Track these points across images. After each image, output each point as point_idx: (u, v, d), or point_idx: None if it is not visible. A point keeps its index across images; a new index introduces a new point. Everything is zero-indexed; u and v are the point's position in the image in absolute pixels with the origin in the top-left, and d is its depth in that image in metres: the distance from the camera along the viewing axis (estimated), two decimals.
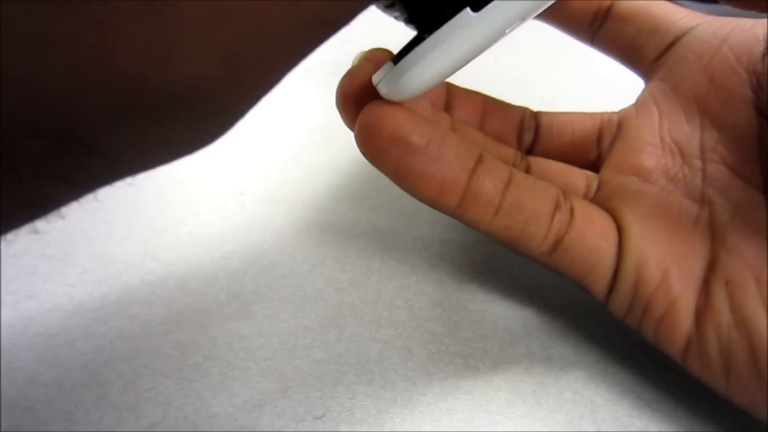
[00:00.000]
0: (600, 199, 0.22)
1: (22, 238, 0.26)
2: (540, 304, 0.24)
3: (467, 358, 0.22)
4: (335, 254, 0.26)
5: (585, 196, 0.22)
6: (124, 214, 0.27)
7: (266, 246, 0.26)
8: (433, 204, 0.19)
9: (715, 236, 0.20)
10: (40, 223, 0.27)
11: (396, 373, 0.21)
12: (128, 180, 0.22)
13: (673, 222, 0.20)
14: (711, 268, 0.19)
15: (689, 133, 0.21)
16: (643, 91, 0.23)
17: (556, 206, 0.19)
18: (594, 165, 0.24)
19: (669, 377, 0.22)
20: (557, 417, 0.20)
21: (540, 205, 0.19)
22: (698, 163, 0.21)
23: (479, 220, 0.19)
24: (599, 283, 0.20)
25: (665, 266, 0.19)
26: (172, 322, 0.23)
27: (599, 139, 0.24)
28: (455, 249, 0.26)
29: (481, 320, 0.23)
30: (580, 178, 0.23)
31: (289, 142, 0.33)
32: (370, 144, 0.17)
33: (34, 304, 0.23)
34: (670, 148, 0.22)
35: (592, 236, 0.20)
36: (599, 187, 0.23)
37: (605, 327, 0.23)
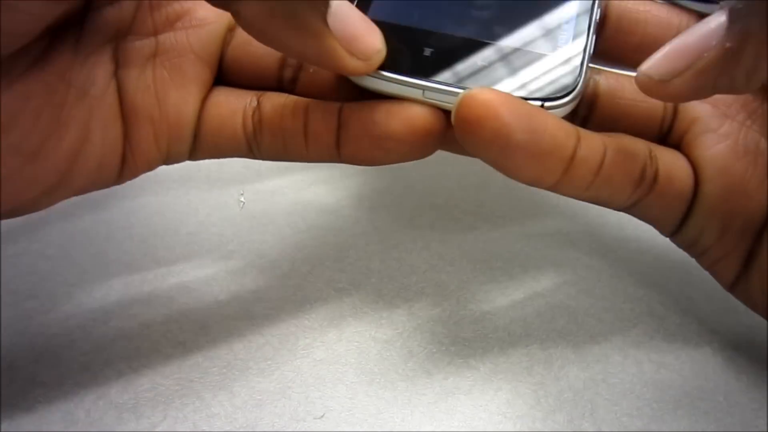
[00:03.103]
0: (678, 133, 0.21)
1: (22, 238, 0.26)
2: (540, 304, 0.24)
3: (467, 358, 0.22)
4: (335, 254, 0.26)
5: (662, 126, 0.21)
6: (124, 214, 0.27)
7: (266, 246, 0.26)
8: (530, 184, 0.19)
9: None
10: (41, 223, 0.27)
11: (396, 373, 0.21)
12: (128, 180, 0.22)
13: (748, 166, 0.20)
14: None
15: None
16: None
17: (642, 174, 0.20)
18: None
19: (669, 377, 0.22)
20: (557, 417, 0.20)
21: (628, 176, 0.19)
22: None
23: (570, 193, 0.19)
24: (666, 229, 0.21)
25: (730, 221, 0.20)
26: (172, 322, 0.23)
27: None
28: (455, 249, 0.26)
29: (481, 320, 0.23)
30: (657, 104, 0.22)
31: None
32: (471, 141, 0.17)
33: (34, 304, 0.23)
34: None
35: (670, 198, 0.20)
36: (675, 115, 0.21)
37: (605, 327, 0.23)
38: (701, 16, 0.22)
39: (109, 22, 0.19)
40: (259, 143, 0.20)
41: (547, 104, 0.19)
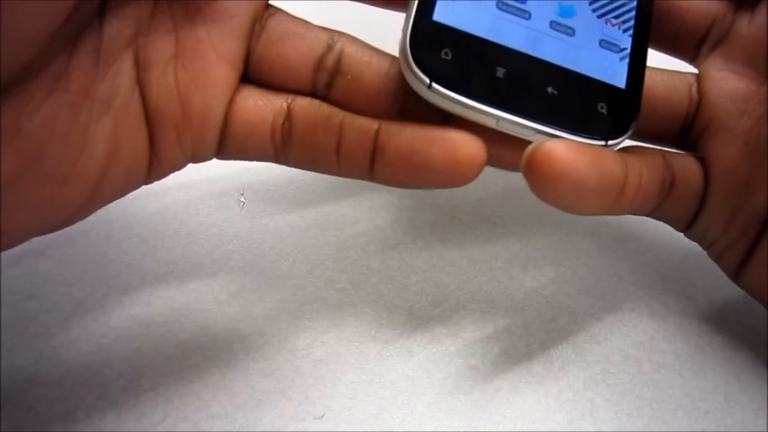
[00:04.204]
0: (696, 131, 0.22)
1: None
2: (540, 304, 0.24)
3: (467, 358, 0.22)
4: (335, 254, 0.26)
5: (684, 123, 0.22)
6: (124, 214, 0.27)
7: (266, 246, 0.26)
8: (583, 215, 0.20)
9: None
10: None
11: (396, 373, 0.21)
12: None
13: (755, 164, 0.20)
14: None
15: None
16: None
17: (662, 185, 0.20)
18: (694, 58, 0.22)
19: (669, 377, 0.22)
20: (557, 417, 0.20)
21: (657, 189, 0.20)
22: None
23: (610, 213, 0.20)
24: (679, 226, 0.22)
25: (733, 215, 0.21)
26: (172, 322, 0.23)
27: (705, 36, 0.22)
28: (455, 249, 0.26)
29: (481, 320, 0.23)
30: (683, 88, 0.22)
31: None
32: (546, 192, 0.18)
33: (34, 304, 0.23)
34: None
35: (684, 200, 0.21)
36: (697, 112, 0.21)
37: (605, 327, 0.23)
38: (738, 4, 0.21)
39: (127, 23, 0.17)
40: (287, 153, 0.20)
41: (611, 142, 0.19)
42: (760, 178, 0.20)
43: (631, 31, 0.21)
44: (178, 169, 0.20)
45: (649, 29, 0.21)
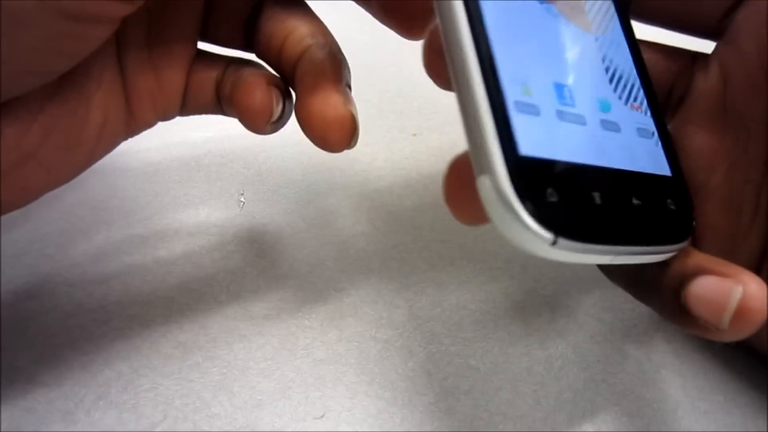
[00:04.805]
0: None
1: (22, 238, 0.26)
2: (540, 304, 0.24)
3: (467, 358, 0.22)
4: (335, 254, 0.26)
5: None
6: (124, 214, 0.27)
7: (266, 246, 0.26)
8: None
9: None
10: (41, 223, 0.27)
11: (396, 373, 0.21)
12: (128, 180, 0.23)
13: (737, 212, 0.20)
14: (765, 255, 0.20)
15: (756, 105, 0.20)
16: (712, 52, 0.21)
17: None
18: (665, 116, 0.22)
19: (669, 377, 0.22)
20: (557, 417, 0.20)
21: None
22: (764, 141, 0.20)
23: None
24: None
25: (718, 270, 0.19)
26: (172, 322, 0.23)
27: (671, 90, 0.22)
28: (455, 249, 0.26)
29: (481, 320, 0.23)
30: None
31: (289, 142, 0.33)
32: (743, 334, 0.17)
33: (34, 304, 0.23)
34: (734, 122, 0.20)
35: None
36: None
37: (605, 327, 0.23)
38: (694, 59, 0.21)
39: None
40: (225, 108, 0.23)
41: (690, 238, 0.18)
42: (742, 230, 0.20)
43: (649, 111, 0.19)
44: (150, 127, 0.23)
45: (657, 103, 0.20)
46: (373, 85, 0.22)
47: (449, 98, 0.20)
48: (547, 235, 0.14)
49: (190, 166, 0.30)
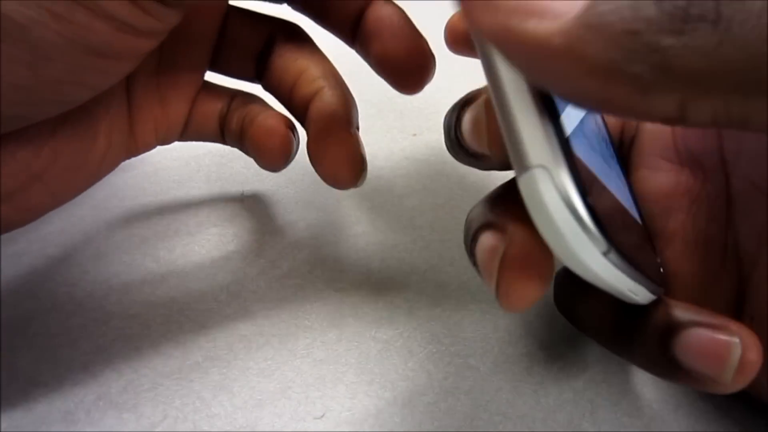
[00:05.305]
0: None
1: (22, 238, 0.26)
2: (540, 304, 0.24)
3: (467, 358, 0.22)
4: (335, 254, 0.26)
5: None
6: (124, 214, 0.27)
7: (266, 246, 0.26)
8: None
9: (742, 265, 0.19)
10: (41, 223, 0.27)
11: (396, 373, 0.21)
12: (129, 180, 0.23)
13: (703, 254, 0.19)
14: (740, 297, 0.19)
15: (708, 143, 0.20)
16: None
17: None
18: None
19: None
20: (557, 417, 0.20)
21: None
22: (721, 178, 0.19)
23: None
24: None
25: (707, 321, 0.17)
26: (172, 322, 0.23)
27: (622, 131, 0.22)
28: (455, 249, 0.26)
29: (481, 320, 0.23)
30: None
31: None
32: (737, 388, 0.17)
33: (34, 304, 0.23)
34: (688, 162, 0.20)
35: None
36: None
37: None
38: None
39: None
40: (228, 140, 0.25)
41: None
42: (712, 274, 0.19)
43: (615, 157, 0.19)
44: (150, 150, 0.24)
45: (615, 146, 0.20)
46: (373, 85, 0.22)
47: (449, 98, 0.20)
48: (603, 242, 0.13)
49: (190, 166, 0.30)
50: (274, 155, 0.23)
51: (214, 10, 0.23)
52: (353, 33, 0.22)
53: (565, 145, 0.13)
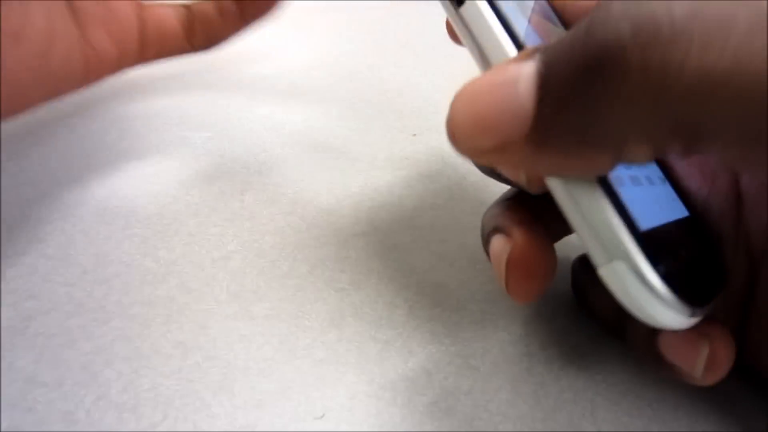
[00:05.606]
0: None
1: (22, 238, 0.26)
2: (540, 303, 0.24)
3: (467, 358, 0.22)
4: (335, 254, 0.26)
5: None
6: (124, 214, 0.27)
7: (266, 246, 0.26)
8: None
9: (752, 261, 0.19)
10: (41, 223, 0.27)
11: (396, 373, 0.21)
12: (129, 180, 0.23)
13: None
14: (749, 293, 0.19)
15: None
16: None
17: None
18: None
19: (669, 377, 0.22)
20: (557, 417, 0.20)
21: None
22: (731, 176, 0.20)
23: None
24: None
25: None
26: (172, 322, 0.23)
27: None
28: (455, 249, 0.26)
29: (481, 320, 0.23)
30: None
31: (289, 142, 0.33)
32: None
33: (34, 304, 0.23)
34: (698, 160, 0.20)
35: None
36: None
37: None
38: None
39: None
40: (194, 42, 0.25)
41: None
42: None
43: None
44: (114, 71, 0.24)
45: None
46: (373, 86, 0.22)
47: (449, 98, 0.20)
48: (688, 309, 0.14)
49: (190, 166, 0.30)
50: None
51: None
52: None
53: (634, 230, 0.14)
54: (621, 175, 0.15)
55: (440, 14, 0.23)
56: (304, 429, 0.20)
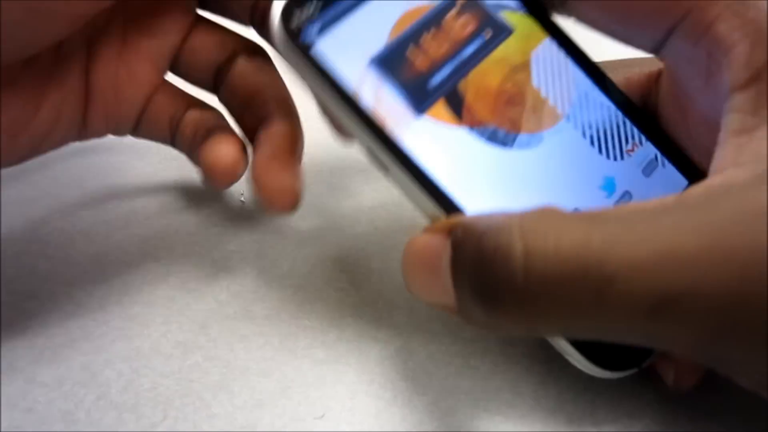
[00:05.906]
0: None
1: (22, 238, 0.26)
2: None
3: (467, 358, 0.22)
4: (335, 254, 0.26)
5: None
6: (124, 214, 0.27)
7: (266, 246, 0.26)
8: None
9: None
10: (41, 223, 0.27)
11: (396, 373, 0.21)
12: (129, 180, 0.23)
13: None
14: None
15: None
16: None
17: None
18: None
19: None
20: (557, 417, 0.20)
21: None
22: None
23: None
24: None
25: None
26: (172, 322, 0.23)
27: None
28: None
29: None
30: None
31: None
32: None
33: (34, 304, 0.23)
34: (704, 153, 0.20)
35: None
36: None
37: None
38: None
39: (87, 29, 0.22)
40: (178, 146, 0.25)
41: None
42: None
43: (643, 137, 0.20)
44: (100, 137, 0.24)
45: (645, 115, 0.20)
46: None
47: None
48: (608, 372, 0.19)
49: (190, 166, 0.30)
50: (222, 174, 0.24)
51: (183, 10, 0.23)
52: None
53: None
54: None
55: None
56: (304, 429, 0.20)
